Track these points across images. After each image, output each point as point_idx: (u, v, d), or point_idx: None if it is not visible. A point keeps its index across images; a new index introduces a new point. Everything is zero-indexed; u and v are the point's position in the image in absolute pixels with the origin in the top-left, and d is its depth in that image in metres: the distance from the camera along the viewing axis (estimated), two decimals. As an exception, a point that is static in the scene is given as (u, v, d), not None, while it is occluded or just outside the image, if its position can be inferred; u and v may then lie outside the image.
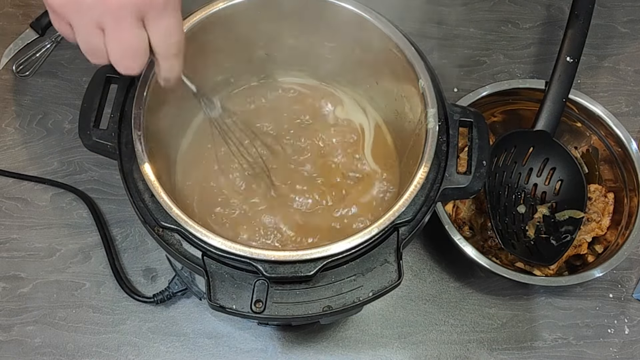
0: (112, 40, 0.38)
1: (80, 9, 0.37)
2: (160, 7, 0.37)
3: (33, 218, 0.68)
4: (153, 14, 0.37)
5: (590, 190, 0.68)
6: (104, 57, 0.39)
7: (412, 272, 0.68)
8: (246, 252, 0.44)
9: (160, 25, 0.38)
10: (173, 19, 0.39)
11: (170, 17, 0.38)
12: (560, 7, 0.83)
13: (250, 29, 0.57)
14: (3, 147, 0.71)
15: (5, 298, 0.65)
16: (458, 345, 0.65)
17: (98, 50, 0.39)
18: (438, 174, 0.49)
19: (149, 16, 0.37)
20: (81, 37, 0.39)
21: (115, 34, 0.38)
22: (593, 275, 0.60)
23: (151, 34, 0.39)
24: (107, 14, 0.36)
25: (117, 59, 0.39)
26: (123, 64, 0.40)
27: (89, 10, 0.36)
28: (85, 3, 0.36)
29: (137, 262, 0.67)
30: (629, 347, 0.66)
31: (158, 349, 0.63)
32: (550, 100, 0.64)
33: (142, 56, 0.39)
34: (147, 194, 0.47)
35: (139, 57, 0.39)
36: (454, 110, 0.52)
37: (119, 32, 0.37)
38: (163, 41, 0.39)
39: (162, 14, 0.37)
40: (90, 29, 0.38)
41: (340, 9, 0.54)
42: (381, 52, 0.55)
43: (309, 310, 0.44)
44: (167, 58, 0.41)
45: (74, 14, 0.37)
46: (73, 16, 0.38)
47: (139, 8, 0.36)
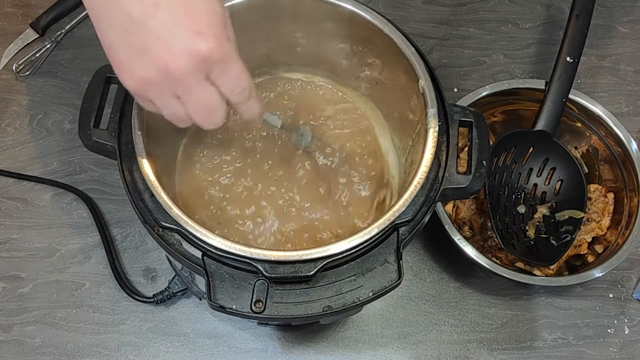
0: (189, 106, 0.40)
1: (152, 87, 0.39)
2: (218, 61, 0.38)
3: (33, 218, 0.68)
4: (216, 70, 0.39)
5: (590, 190, 0.68)
6: (188, 120, 0.42)
7: (412, 272, 0.68)
8: (246, 252, 0.44)
9: (225, 78, 0.39)
10: (234, 68, 0.40)
11: (232, 68, 0.39)
12: (560, 7, 0.83)
13: (250, 29, 0.57)
14: (3, 147, 0.71)
15: (5, 298, 0.65)
16: (458, 345, 0.65)
17: (181, 116, 0.41)
18: (438, 174, 0.49)
19: (213, 73, 0.39)
20: (163, 109, 0.41)
21: (190, 99, 0.40)
22: (593, 275, 0.60)
23: (221, 88, 0.40)
24: (177, 84, 0.38)
25: (200, 120, 0.42)
26: (207, 122, 0.42)
27: (159, 85, 0.39)
28: (155, 80, 0.38)
29: (137, 262, 0.67)
30: (629, 347, 0.66)
31: (158, 349, 0.63)
32: (550, 100, 0.64)
33: (220, 110, 0.41)
34: (147, 194, 0.47)
35: (217, 112, 0.41)
36: (454, 110, 0.52)
37: (192, 97, 0.39)
38: (233, 91, 0.41)
39: (223, 67, 0.39)
40: (167, 101, 0.40)
41: (340, 8, 0.54)
42: (381, 52, 0.55)
43: (309, 310, 0.44)
44: (243, 104, 0.43)
45: (149, 92, 0.40)
46: (151, 95, 0.40)
47: (200, 70, 0.38)
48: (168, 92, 0.39)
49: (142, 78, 0.38)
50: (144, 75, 0.38)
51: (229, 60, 0.39)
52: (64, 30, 0.77)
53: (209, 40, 0.37)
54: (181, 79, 0.38)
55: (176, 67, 0.37)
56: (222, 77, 0.39)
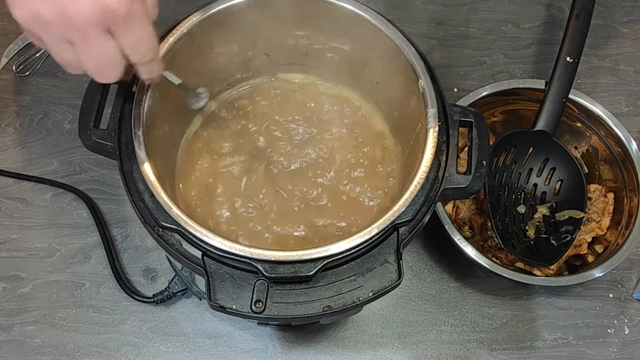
0: (83, 55, 0.38)
1: (44, 24, 0.36)
2: (123, 17, 0.36)
3: (33, 218, 0.68)
4: (117, 25, 0.36)
5: (590, 190, 0.68)
6: (79, 68, 0.39)
7: (412, 272, 0.68)
8: (246, 252, 0.44)
9: (128, 36, 0.38)
10: (140, 28, 0.38)
11: (137, 27, 0.37)
12: (560, 7, 0.83)
13: (250, 29, 0.57)
14: (3, 147, 0.71)
15: (5, 298, 0.65)
16: (458, 345, 0.65)
17: (72, 62, 0.39)
18: (438, 174, 0.49)
19: (115, 28, 0.37)
20: (53, 51, 0.39)
21: (85, 48, 0.37)
22: (593, 275, 0.60)
23: (121, 45, 0.38)
24: (72, 29, 0.36)
25: (93, 71, 0.39)
26: (99, 75, 0.40)
27: (52, 26, 0.36)
28: (47, 18, 0.35)
29: (137, 262, 0.67)
30: (629, 347, 0.66)
31: (158, 349, 0.63)
32: (550, 100, 0.64)
33: (117, 65, 0.39)
34: (147, 194, 0.47)
35: (113, 67, 0.39)
36: (454, 110, 0.52)
37: (87, 46, 0.37)
38: (134, 51, 0.39)
39: (126, 24, 0.37)
40: (59, 43, 0.37)
41: (340, 9, 0.54)
42: (381, 52, 0.55)
43: (309, 310, 0.44)
44: (143, 64, 0.41)
45: (40, 29, 0.37)
46: (40, 31, 0.37)
47: (100, 20, 0.36)
48: (60, 35, 0.37)
49: (35, 11, 0.35)
50: (36, 8, 0.35)
51: (135, 19, 0.37)
52: (64, 30, 0.77)
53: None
54: (78, 26, 0.35)
55: (75, 11, 0.35)
56: (125, 34, 0.37)
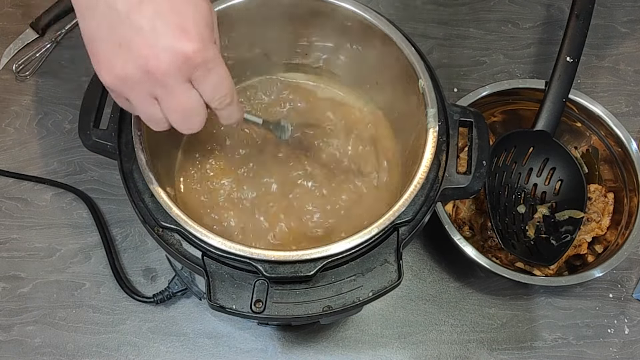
0: (167, 108, 0.39)
1: (130, 84, 0.37)
2: (202, 64, 0.37)
3: (33, 218, 0.68)
4: (198, 73, 0.37)
5: (590, 190, 0.68)
6: (165, 123, 0.40)
7: (412, 272, 0.68)
8: (246, 252, 0.44)
9: (207, 82, 0.38)
10: (217, 73, 0.38)
11: (214, 72, 0.38)
12: (560, 7, 0.83)
13: (250, 29, 0.57)
14: (3, 147, 0.71)
15: (5, 298, 0.65)
16: (458, 345, 0.65)
17: (158, 118, 0.40)
18: (438, 174, 0.49)
19: (195, 76, 0.37)
20: (139, 109, 0.40)
21: (169, 102, 0.38)
22: (593, 275, 0.60)
23: (202, 92, 0.39)
24: (155, 84, 0.37)
25: (178, 123, 0.40)
26: (185, 127, 0.41)
27: (138, 84, 0.37)
28: (133, 78, 0.37)
29: (137, 262, 0.67)
30: (629, 347, 0.66)
31: (158, 349, 0.63)
32: (550, 100, 0.64)
33: (200, 115, 0.40)
34: (147, 194, 0.47)
35: (196, 116, 0.40)
36: (454, 110, 0.52)
37: (171, 99, 0.38)
38: (214, 96, 0.40)
39: (206, 71, 0.38)
40: (144, 101, 0.39)
41: (340, 9, 0.54)
42: (381, 52, 0.55)
43: (309, 310, 0.44)
44: (223, 109, 0.41)
45: (126, 89, 0.38)
46: (127, 93, 0.38)
47: (182, 71, 0.37)
48: (145, 91, 0.38)
49: (120, 74, 0.37)
50: (122, 71, 0.37)
51: (212, 63, 0.38)
52: (64, 30, 0.77)
53: (193, 41, 0.36)
54: (160, 79, 0.37)
55: (156, 65, 0.36)
56: (204, 81, 0.38)
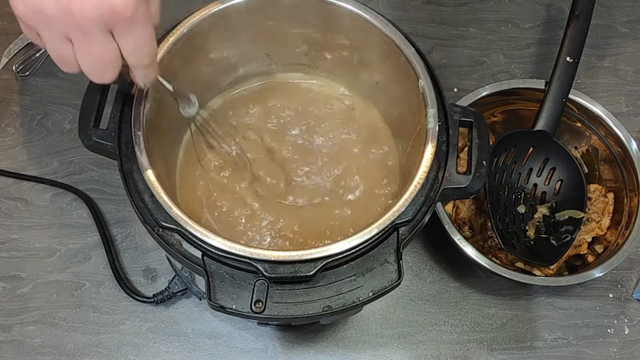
0: (81, 53, 0.38)
1: (45, 20, 0.36)
2: (128, 20, 0.36)
3: (33, 218, 0.68)
4: (121, 27, 0.37)
5: (590, 190, 0.68)
6: (75, 67, 0.39)
7: (412, 272, 0.68)
8: (246, 252, 0.44)
9: (129, 38, 0.38)
10: (142, 31, 0.38)
11: (140, 30, 0.38)
12: (560, 7, 0.83)
13: (250, 29, 0.57)
14: (3, 147, 0.71)
15: (5, 298, 0.65)
16: (458, 345, 0.65)
17: (68, 60, 0.39)
18: (438, 174, 0.49)
19: (117, 29, 0.37)
20: (50, 47, 0.38)
21: (84, 47, 0.37)
22: (593, 275, 0.60)
23: (121, 46, 0.38)
24: (74, 26, 0.36)
25: (89, 70, 0.39)
26: (95, 75, 0.40)
27: (54, 21, 0.36)
28: (49, 12, 0.35)
29: (137, 262, 0.67)
30: (629, 347, 0.66)
31: (158, 349, 0.63)
32: (550, 100, 0.64)
33: (114, 67, 0.39)
34: (147, 194, 0.47)
35: (110, 68, 0.39)
36: (454, 110, 0.52)
37: (87, 45, 0.37)
38: (133, 54, 0.39)
39: (130, 27, 0.37)
40: (58, 40, 0.37)
41: (340, 9, 0.54)
42: (381, 52, 0.55)
43: (309, 310, 0.44)
44: (140, 68, 0.41)
45: (40, 25, 0.37)
46: (39, 27, 0.37)
47: (105, 20, 0.36)
48: (61, 30, 0.36)
49: (37, 6, 0.35)
50: (40, 3, 0.35)
51: (140, 21, 0.37)
52: (64, 30, 0.77)
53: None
54: (81, 23, 0.35)
55: (81, 9, 0.35)
56: (125, 36, 0.37)
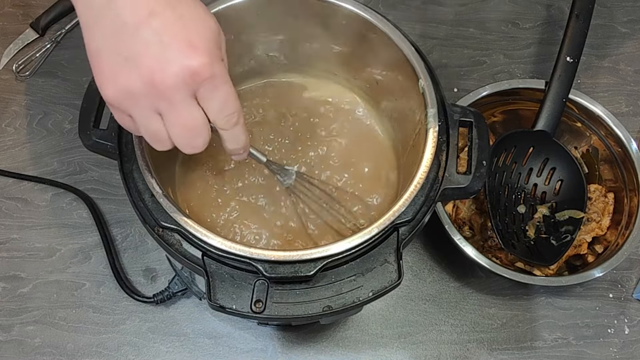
0: (170, 123, 0.38)
1: (134, 99, 0.37)
2: (209, 80, 0.36)
3: (33, 218, 0.68)
4: (203, 89, 0.37)
5: (590, 190, 0.68)
6: (167, 141, 0.39)
7: (412, 272, 0.68)
8: (246, 252, 0.44)
9: (213, 99, 0.38)
10: (224, 90, 0.38)
11: (221, 89, 0.37)
12: (560, 7, 0.83)
13: (250, 29, 0.57)
14: (3, 147, 0.71)
15: (5, 298, 0.65)
16: (458, 345, 0.65)
17: (160, 135, 0.39)
18: (438, 174, 0.49)
19: (201, 92, 0.37)
20: (142, 126, 0.39)
21: (172, 117, 0.37)
22: (593, 275, 0.60)
23: (206, 109, 0.38)
24: (160, 97, 0.36)
25: (180, 140, 0.39)
26: (188, 145, 0.39)
27: (142, 97, 0.36)
28: (137, 91, 0.36)
29: (137, 262, 0.67)
30: (629, 347, 0.66)
31: (158, 349, 0.63)
32: (550, 100, 0.64)
33: (204, 134, 0.39)
34: (147, 194, 0.47)
35: (200, 135, 0.39)
36: (454, 110, 0.52)
37: (175, 113, 0.37)
38: (220, 114, 0.39)
39: (212, 87, 0.37)
40: (147, 116, 0.38)
41: (340, 9, 0.54)
42: (381, 52, 0.55)
43: (309, 310, 0.44)
44: (228, 130, 0.40)
45: (130, 105, 0.37)
46: (130, 108, 0.37)
47: (187, 85, 0.36)
48: (149, 105, 0.37)
49: (124, 87, 0.36)
50: (126, 84, 0.36)
51: (219, 80, 0.37)
52: (64, 30, 0.77)
53: (201, 56, 0.35)
54: (165, 92, 0.36)
55: (162, 78, 0.35)
56: (210, 97, 0.37)
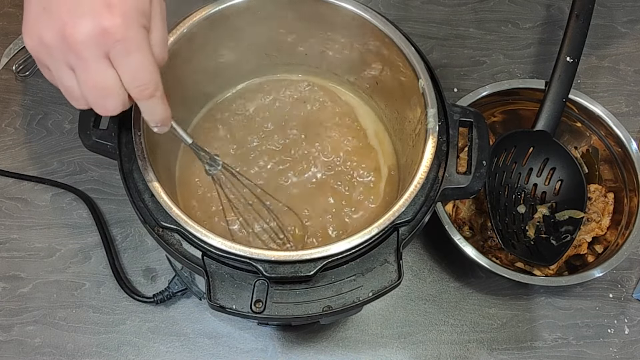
0: (81, 81, 0.37)
1: (47, 49, 0.36)
2: (120, 42, 0.35)
3: (33, 218, 0.68)
4: (115, 51, 0.35)
5: (590, 190, 0.68)
6: (81, 99, 0.38)
7: (412, 272, 0.68)
8: (246, 252, 0.44)
9: (124, 64, 0.36)
10: (137, 58, 0.36)
11: (134, 56, 0.36)
12: (560, 7, 0.83)
13: (250, 29, 0.57)
14: (3, 147, 0.71)
15: (5, 298, 0.65)
16: (458, 345, 0.65)
17: (74, 92, 0.38)
18: (438, 174, 0.49)
19: (113, 52, 0.35)
20: (57, 79, 0.38)
21: (83, 74, 0.36)
22: (593, 275, 0.60)
23: (120, 74, 0.36)
24: (70, 52, 0.35)
25: (92, 100, 0.38)
26: (99, 105, 0.38)
27: (54, 49, 0.36)
28: (49, 42, 0.35)
29: (137, 262, 0.67)
30: (629, 347, 0.66)
31: (158, 349, 0.63)
32: (550, 100, 0.64)
33: (116, 97, 0.37)
34: (147, 194, 0.47)
35: (111, 97, 0.37)
36: (454, 110, 0.52)
37: (85, 71, 0.36)
38: (132, 83, 0.37)
39: (123, 51, 0.35)
40: (61, 69, 0.37)
41: (340, 9, 0.54)
42: (381, 52, 0.55)
43: (309, 310, 0.44)
44: (142, 101, 0.39)
45: (46, 56, 0.37)
46: (46, 59, 0.37)
47: (98, 44, 0.35)
48: (62, 59, 0.36)
49: (39, 38, 0.36)
50: (41, 34, 0.35)
51: (132, 46, 0.36)
52: (64, 30, 0.77)
53: (115, 16, 0.34)
54: (76, 48, 0.35)
55: (72, 33, 0.34)
56: (121, 62, 0.36)
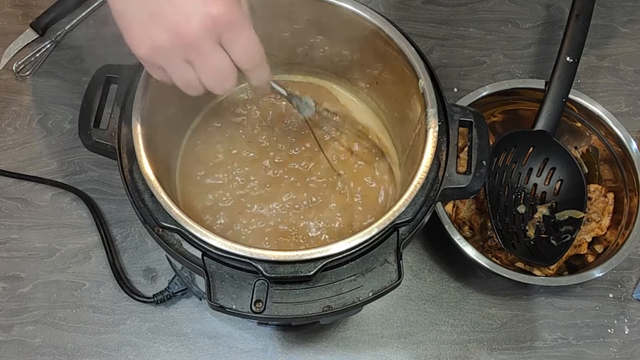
0: (201, 70, 0.41)
1: (164, 52, 0.40)
2: (229, 25, 0.39)
3: (33, 218, 0.68)
4: (226, 34, 0.39)
5: (590, 190, 0.68)
6: (200, 87, 0.42)
7: (412, 272, 0.68)
8: (246, 252, 0.44)
9: (235, 43, 0.40)
10: (244, 34, 0.40)
11: (241, 33, 0.40)
12: (560, 7, 0.83)
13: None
14: (3, 147, 0.71)
15: (5, 298, 0.65)
16: (458, 345, 0.65)
17: (193, 83, 0.42)
18: (438, 174, 0.49)
19: (224, 38, 0.39)
20: (175, 76, 0.42)
21: (202, 64, 0.40)
22: (593, 275, 0.60)
23: (231, 53, 0.41)
24: (188, 47, 0.39)
25: (211, 84, 0.42)
26: (218, 87, 0.42)
27: (171, 50, 0.39)
28: (166, 45, 0.39)
29: (137, 262, 0.67)
30: (629, 347, 0.66)
31: (158, 349, 0.63)
32: (550, 100, 0.64)
33: (232, 75, 0.42)
34: (147, 194, 0.47)
35: (229, 77, 0.42)
36: (454, 110, 0.52)
37: (204, 61, 0.40)
38: (244, 57, 0.42)
39: (232, 32, 0.39)
40: (179, 66, 0.41)
41: (340, 9, 0.54)
42: (381, 52, 0.55)
43: (309, 310, 0.44)
44: (253, 70, 0.43)
45: (162, 59, 0.40)
46: (162, 62, 0.41)
47: (211, 32, 0.39)
48: (179, 56, 0.40)
49: (154, 43, 0.39)
50: (155, 40, 0.39)
51: (238, 25, 0.40)
52: (64, 30, 0.77)
53: (219, 4, 0.38)
54: (192, 42, 0.39)
55: (187, 29, 0.38)
56: (232, 42, 0.40)
